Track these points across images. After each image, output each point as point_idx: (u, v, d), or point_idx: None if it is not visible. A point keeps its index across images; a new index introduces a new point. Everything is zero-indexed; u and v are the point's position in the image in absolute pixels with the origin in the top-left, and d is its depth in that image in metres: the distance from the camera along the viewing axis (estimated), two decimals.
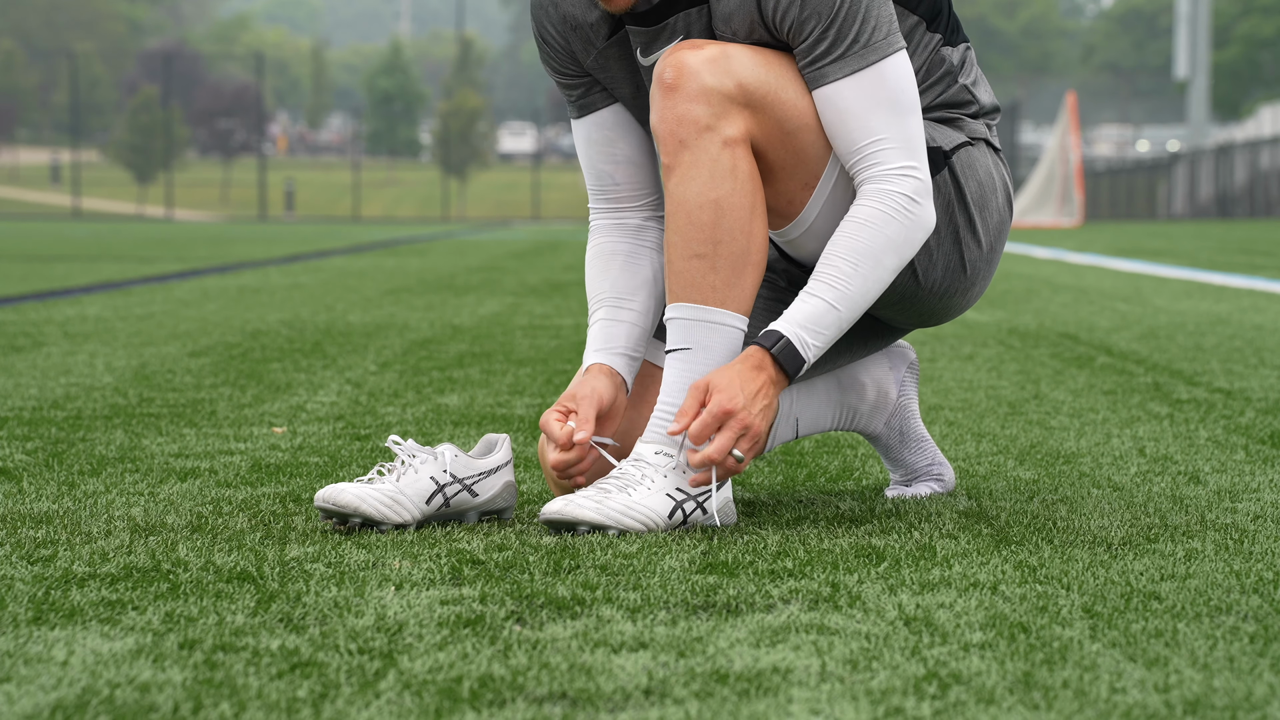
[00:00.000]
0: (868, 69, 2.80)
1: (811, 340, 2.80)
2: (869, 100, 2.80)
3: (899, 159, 2.81)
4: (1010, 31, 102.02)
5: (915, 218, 2.82)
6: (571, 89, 3.05)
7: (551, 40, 3.03)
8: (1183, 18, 55.34)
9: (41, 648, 2.06)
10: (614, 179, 3.07)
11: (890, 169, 2.81)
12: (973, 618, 2.21)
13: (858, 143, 2.81)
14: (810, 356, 2.80)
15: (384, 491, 2.85)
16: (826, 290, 2.80)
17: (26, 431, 4.15)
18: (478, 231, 37.74)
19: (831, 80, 2.81)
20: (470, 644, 2.07)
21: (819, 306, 2.80)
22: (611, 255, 3.08)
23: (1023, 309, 9.05)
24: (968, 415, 4.51)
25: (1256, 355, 6.20)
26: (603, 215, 3.10)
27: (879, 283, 2.82)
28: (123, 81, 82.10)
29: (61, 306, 9.31)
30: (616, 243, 3.08)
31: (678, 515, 2.83)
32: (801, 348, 2.79)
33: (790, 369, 2.79)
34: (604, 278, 3.07)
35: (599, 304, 3.05)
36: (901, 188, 2.81)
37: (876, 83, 2.80)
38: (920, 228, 2.83)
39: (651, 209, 3.10)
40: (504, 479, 2.96)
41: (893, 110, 2.81)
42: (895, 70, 2.81)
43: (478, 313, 8.89)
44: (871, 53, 2.80)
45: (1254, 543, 2.73)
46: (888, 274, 2.82)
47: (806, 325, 2.79)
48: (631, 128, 3.06)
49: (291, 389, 5.14)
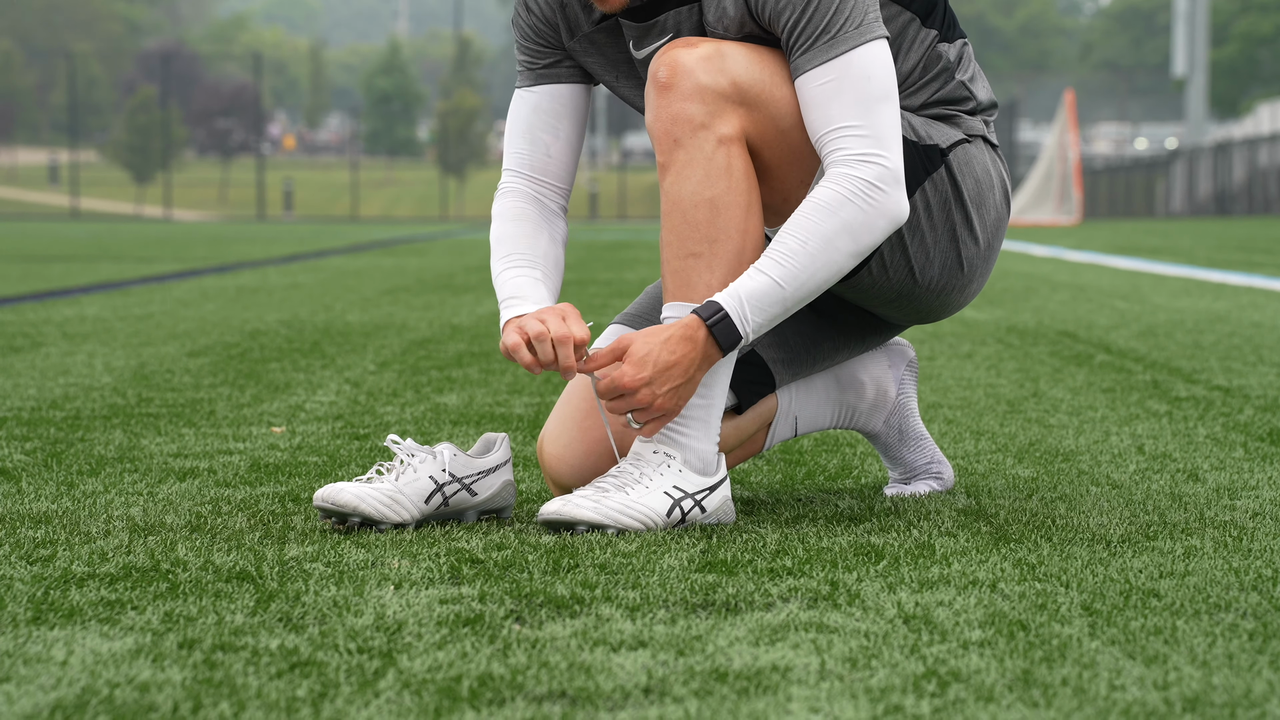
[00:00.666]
0: (836, 59, 2.78)
1: (752, 315, 2.76)
2: (834, 89, 2.78)
3: (861, 146, 2.77)
4: (1008, 29, 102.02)
5: (875, 204, 2.77)
6: (538, 56, 3.02)
7: (537, 10, 3.01)
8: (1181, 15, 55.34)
9: (41, 648, 2.06)
10: (549, 151, 3.04)
11: (851, 154, 2.77)
12: (972, 615, 2.21)
13: (819, 131, 2.79)
14: (749, 331, 2.77)
15: (383, 491, 2.85)
16: (772, 266, 2.76)
17: (25, 432, 4.15)
18: (476, 231, 37.73)
19: (801, 71, 2.80)
20: (469, 643, 2.08)
21: (763, 283, 2.76)
22: (538, 225, 3.01)
23: (1021, 307, 9.05)
24: (967, 413, 4.51)
25: (1255, 353, 6.20)
26: (522, 182, 3.04)
27: (830, 264, 2.77)
28: (120, 82, 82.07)
29: (60, 307, 9.31)
30: (537, 217, 3.02)
31: (676, 513, 2.83)
32: (740, 322, 2.76)
33: (725, 342, 2.76)
34: (536, 242, 2.99)
35: (535, 264, 2.96)
36: (861, 172, 2.77)
37: (842, 72, 2.78)
38: (882, 214, 2.78)
39: (564, 199, 3.07)
40: (503, 478, 2.96)
41: (858, 99, 2.77)
42: (866, 60, 2.78)
43: (476, 312, 8.89)
44: (840, 43, 2.78)
45: (1253, 540, 2.73)
46: (842, 258, 2.77)
47: (749, 299, 2.76)
48: (580, 114, 3.04)
49: (290, 389, 5.14)
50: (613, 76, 3.01)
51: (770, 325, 2.79)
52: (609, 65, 2.99)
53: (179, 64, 79.18)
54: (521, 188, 3.05)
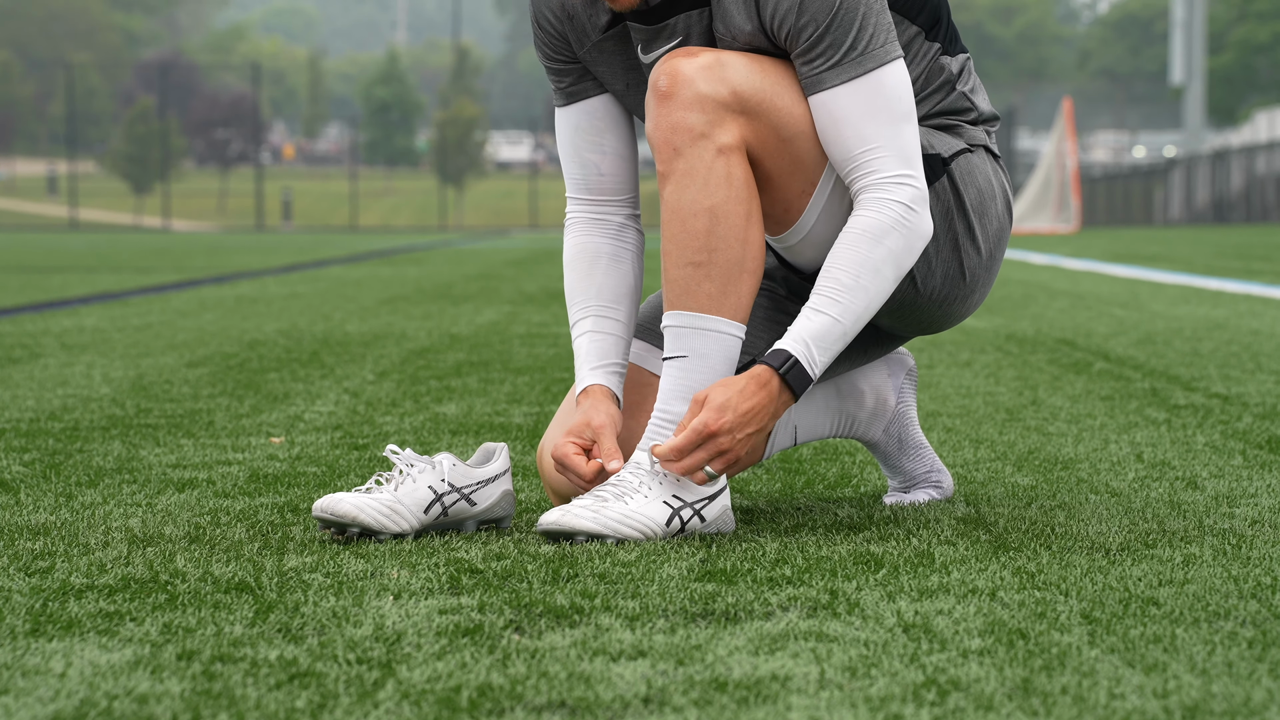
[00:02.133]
0: (864, 76, 2.80)
1: (819, 356, 2.80)
2: (864, 108, 2.80)
3: (895, 167, 2.80)
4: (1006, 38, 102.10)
5: (913, 226, 2.81)
6: (562, 75, 3.04)
7: (548, 26, 3.03)
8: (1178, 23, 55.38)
9: (39, 659, 2.06)
10: (599, 169, 3.07)
11: (886, 177, 2.80)
12: (971, 624, 2.20)
13: (852, 150, 2.81)
14: (817, 373, 2.80)
15: (382, 501, 2.85)
16: (830, 305, 2.79)
17: (24, 443, 4.14)
18: (475, 240, 37.74)
19: (828, 86, 2.81)
20: (469, 653, 2.07)
21: (824, 323, 2.79)
22: (596, 256, 3.06)
23: (1020, 315, 9.05)
24: (966, 421, 4.51)
25: (1254, 360, 6.20)
26: (584, 207, 3.09)
27: (880, 294, 2.81)
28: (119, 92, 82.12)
29: (59, 317, 9.31)
30: (600, 242, 3.07)
31: (675, 523, 2.83)
32: (809, 365, 2.79)
33: (797, 387, 2.79)
34: (589, 281, 3.05)
35: (586, 311, 3.03)
36: (898, 196, 2.80)
37: (873, 90, 2.80)
38: (919, 236, 2.82)
39: (631, 207, 3.10)
40: (502, 487, 2.96)
41: (888, 118, 2.80)
42: (892, 78, 2.81)
43: (475, 321, 8.89)
44: (869, 60, 2.79)
45: (1252, 548, 2.73)
46: (888, 284, 2.81)
47: (813, 342, 2.79)
48: (620, 120, 3.06)
49: (289, 399, 5.14)
50: (623, 85, 3.01)
51: (834, 359, 2.83)
52: (619, 74, 3.00)
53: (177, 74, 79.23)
54: (582, 214, 3.09)
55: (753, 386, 2.78)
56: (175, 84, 76.57)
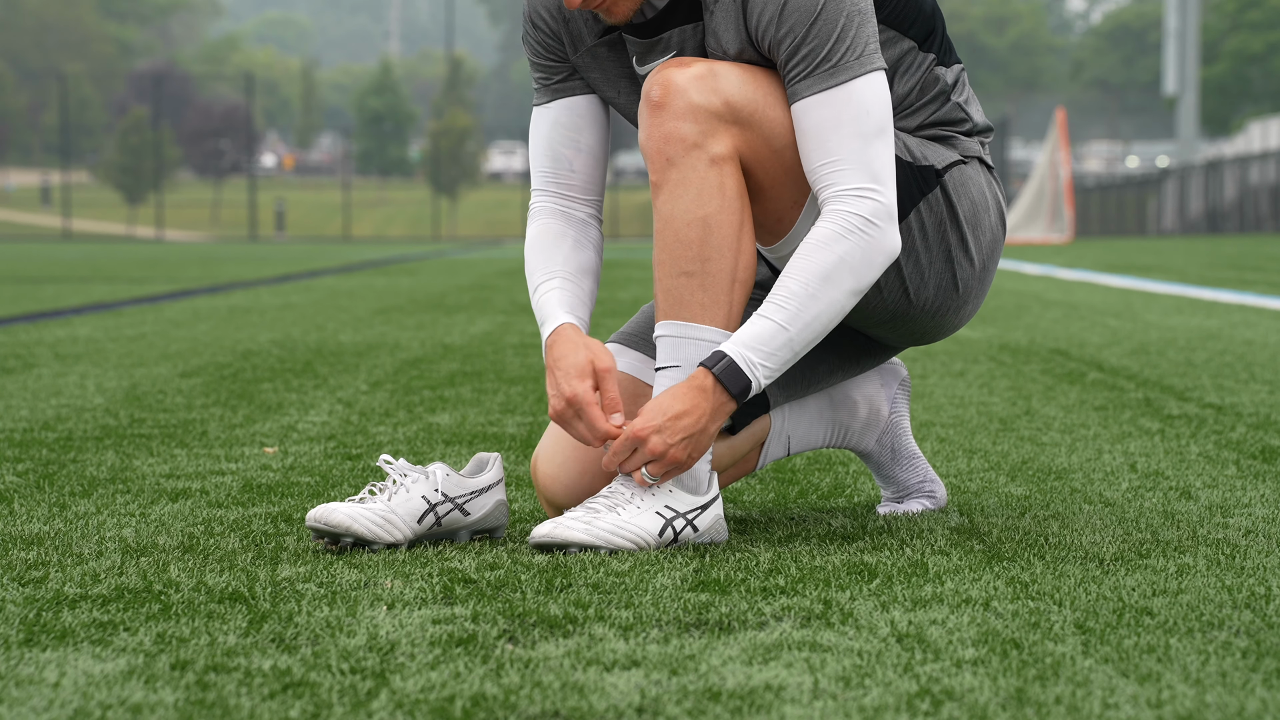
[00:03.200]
0: (835, 88, 2.79)
1: (760, 360, 2.77)
2: (833, 120, 2.78)
3: (855, 180, 2.78)
4: (999, 48, 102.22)
5: (870, 239, 2.78)
6: (551, 72, 3.03)
7: (543, 25, 3.02)
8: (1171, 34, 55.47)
9: (33, 669, 2.05)
10: (571, 166, 3.06)
11: (845, 189, 2.78)
12: (965, 634, 2.20)
13: (816, 163, 2.80)
14: (759, 376, 2.77)
15: (375, 511, 2.85)
16: (774, 310, 2.78)
17: (17, 453, 4.14)
18: (468, 250, 37.75)
19: (800, 97, 2.81)
20: (462, 663, 2.07)
21: (766, 327, 2.77)
22: (560, 237, 3.04)
23: (1013, 325, 9.05)
24: (959, 432, 4.51)
25: (1247, 370, 6.20)
26: (550, 199, 3.07)
27: (833, 303, 2.78)
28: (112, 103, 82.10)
29: (52, 328, 9.30)
30: (564, 227, 3.05)
31: (668, 533, 2.83)
32: (748, 367, 2.77)
33: (734, 389, 2.77)
34: (555, 253, 3.02)
35: (551, 274, 2.99)
36: (855, 208, 2.78)
37: (843, 103, 2.78)
38: (878, 250, 2.79)
39: (595, 209, 3.09)
40: (496, 497, 2.96)
41: (856, 133, 2.78)
42: (865, 91, 2.79)
43: (469, 331, 8.89)
44: (841, 72, 2.79)
45: (1245, 558, 2.73)
46: (843, 294, 2.78)
47: (752, 345, 2.77)
48: (599, 120, 3.05)
49: (283, 409, 5.13)
50: (615, 91, 3.01)
51: (783, 368, 2.80)
52: (611, 80, 3.00)
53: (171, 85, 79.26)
54: (548, 205, 3.07)
55: (685, 389, 2.78)
56: (168, 94, 76.57)
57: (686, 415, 2.77)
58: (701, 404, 2.77)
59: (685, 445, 2.78)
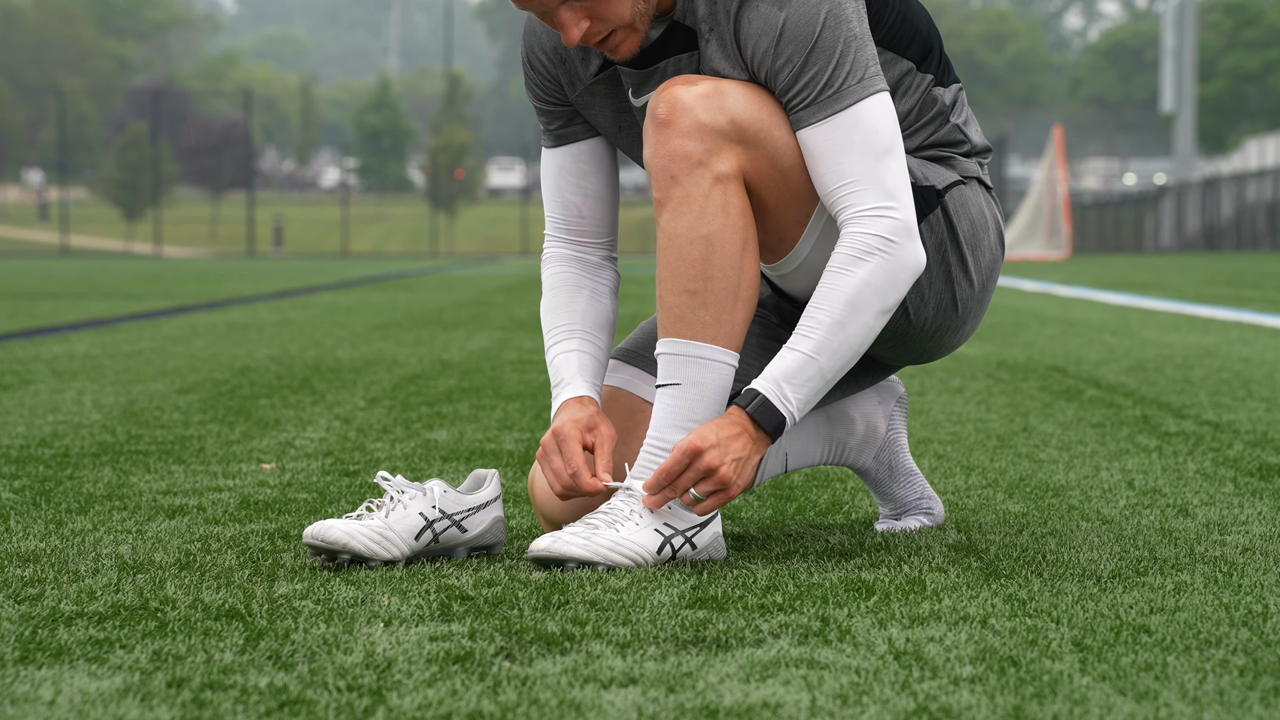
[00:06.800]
0: (840, 113, 2.79)
1: (792, 394, 2.79)
2: (841, 144, 2.79)
3: (872, 200, 2.79)
4: (997, 65, 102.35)
5: (892, 257, 2.79)
6: (553, 117, 3.06)
7: (540, 68, 3.04)
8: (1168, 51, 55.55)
9: (29, 687, 2.05)
10: (580, 212, 3.08)
11: (862, 210, 2.79)
12: (963, 651, 2.20)
13: (830, 186, 2.81)
14: (792, 409, 2.79)
15: (372, 528, 2.84)
16: (802, 341, 2.79)
17: (14, 470, 4.14)
18: (466, 266, 37.76)
19: (805, 125, 2.81)
20: (459, 680, 2.07)
21: (796, 360, 2.79)
22: (577, 288, 3.08)
23: (1011, 342, 9.06)
24: (957, 448, 4.51)
25: (1244, 387, 6.20)
26: (561, 245, 3.11)
27: (861, 326, 2.79)
28: (111, 119, 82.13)
29: (49, 344, 9.30)
30: (580, 277, 3.09)
31: (666, 550, 2.82)
32: (780, 403, 2.78)
33: (769, 425, 2.79)
34: (573, 306, 3.07)
35: (571, 332, 3.04)
36: (873, 228, 2.79)
37: (850, 126, 2.79)
38: (902, 267, 2.80)
39: (609, 249, 3.12)
40: (493, 514, 2.96)
41: (866, 152, 2.79)
42: (870, 113, 2.79)
43: (467, 348, 8.89)
44: (844, 97, 2.79)
45: (1243, 575, 2.73)
46: (870, 317, 2.79)
47: (783, 379, 2.79)
48: (606, 163, 3.08)
49: (280, 425, 5.13)
50: (615, 128, 3.02)
51: (817, 398, 2.81)
52: (610, 117, 3.01)
53: (169, 101, 79.27)
54: (561, 251, 3.11)
55: (727, 423, 2.80)
56: (167, 110, 76.58)
57: (737, 440, 2.78)
58: (744, 438, 2.79)
59: (735, 466, 2.78)
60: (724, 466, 2.77)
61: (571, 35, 2.81)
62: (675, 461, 2.78)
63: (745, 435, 2.79)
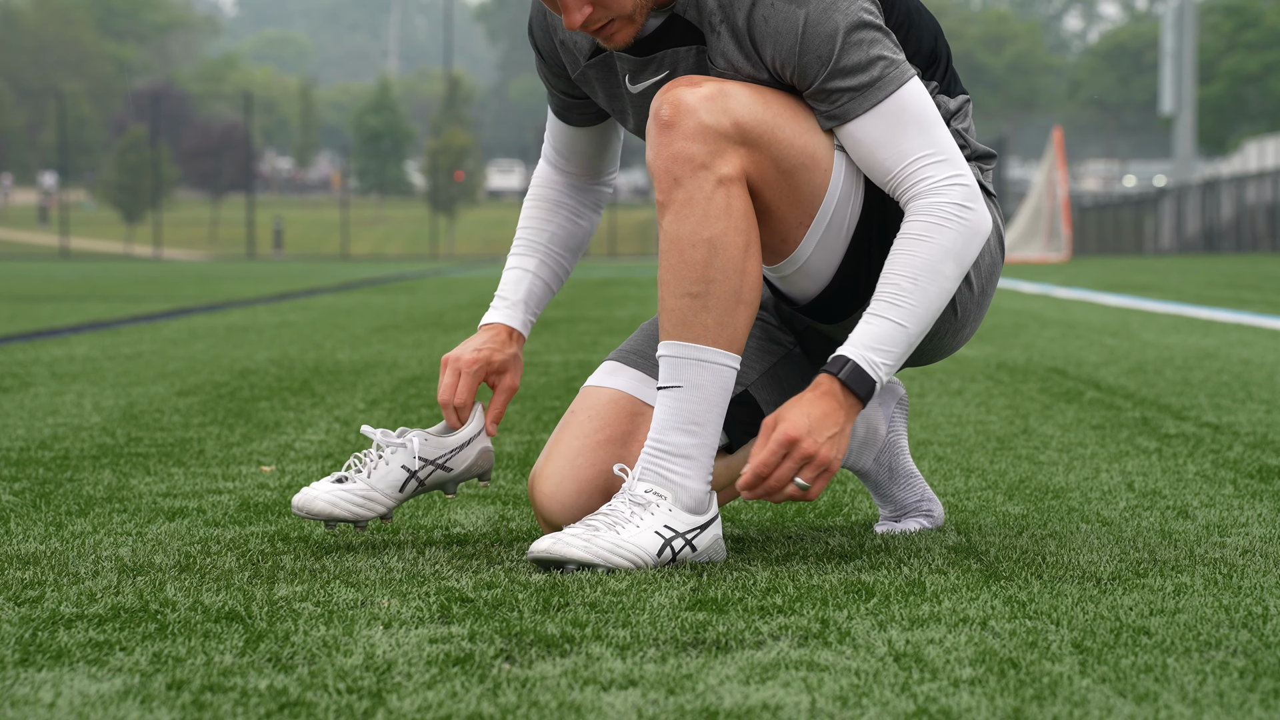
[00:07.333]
0: (886, 100, 2.81)
1: (880, 360, 2.78)
2: (896, 127, 2.81)
3: (943, 171, 2.82)
4: (997, 67, 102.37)
5: (968, 223, 2.82)
6: (555, 88, 3.14)
7: (541, 47, 3.13)
8: (1168, 53, 55.55)
9: (28, 689, 2.05)
10: (571, 159, 3.22)
11: (936, 181, 2.81)
12: (962, 653, 2.20)
13: (895, 168, 2.82)
14: (881, 376, 2.79)
15: (355, 492, 3.00)
16: (888, 309, 2.79)
17: (14, 472, 4.14)
18: (467, 269, 37.76)
19: (854, 117, 2.82)
20: (459, 682, 2.07)
21: (884, 326, 2.78)
22: (558, 205, 3.21)
23: (1011, 344, 9.06)
24: (956, 450, 4.51)
25: (1244, 389, 6.20)
26: (553, 168, 3.23)
27: (942, 293, 2.81)
28: (111, 121, 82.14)
29: (49, 346, 9.30)
30: (563, 196, 3.22)
31: (667, 553, 2.82)
32: (870, 369, 2.78)
33: (861, 391, 2.78)
34: (547, 224, 3.20)
35: (534, 249, 3.18)
36: (949, 196, 2.81)
37: (898, 110, 2.82)
38: (976, 232, 2.82)
39: (603, 183, 3.25)
40: (478, 447, 3.09)
41: (921, 129, 2.82)
42: (914, 94, 2.83)
43: None
44: (886, 84, 2.81)
45: (1243, 577, 2.73)
46: (950, 283, 2.81)
47: (873, 346, 2.78)
48: (608, 134, 3.19)
49: (280, 428, 5.13)
50: (615, 108, 3.05)
51: (900, 363, 2.81)
52: (610, 98, 3.04)
53: (169, 103, 79.30)
54: (551, 172, 3.24)
55: (816, 395, 2.77)
56: (167, 113, 76.60)
57: (827, 416, 2.76)
58: (835, 407, 2.77)
59: (831, 444, 2.76)
60: (822, 448, 2.76)
61: (574, 19, 2.83)
62: (771, 453, 2.75)
63: (835, 407, 2.77)
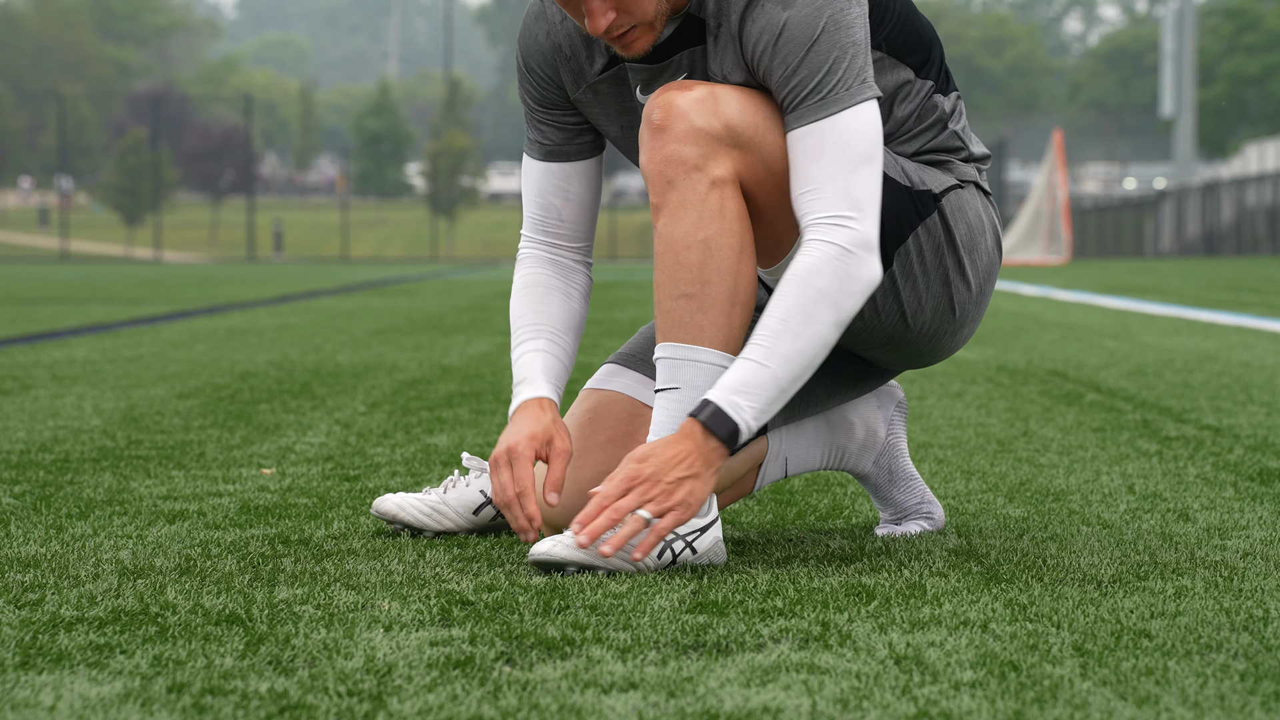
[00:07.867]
0: (821, 120, 2.77)
1: (746, 403, 2.74)
2: (815, 150, 2.77)
3: (832, 208, 2.75)
4: (997, 70, 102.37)
5: (847, 268, 2.75)
6: (544, 129, 3.07)
7: (536, 71, 3.04)
8: (1168, 56, 55.57)
9: (29, 692, 2.05)
10: (560, 215, 3.11)
11: (821, 218, 2.76)
12: (963, 656, 2.20)
13: (795, 192, 2.79)
14: (748, 419, 2.74)
15: (426, 502, 3.19)
16: (754, 350, 2.76)
17: (14, 475, 4.14)
18: (467, 271, 37.76)
19: (790, 128, 2.81)
20: (460, 685, 2.07)
21: (747, 368, 2.75)
22: (549, 289, 3.10)
23: (1011, 346, 9.06)
24: (957, 453, 4.51)
25: (1245, 392, 6.20)
26: (537, 247, 3.13)
27: (815, 337, 2.75)
28: (111, 124, 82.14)
29: (49, 349, 9.30)
30: (551, 278, 3.11)
31: (666, 555, 2.82)
32: (734, 411, 2.74)
33: (722, 434, 2.74)
34: (543, 307, 3.09)
35: (539, 332, 3.06)
36: (831, 237, 2.75)
37: (825, 133, 2.77)
38: (856, 279, 2.75)
39: (584, 254, 3.14)
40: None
41: (838, 161, 2.76)
42: (850, 123, 2.77)
43: (467, 352, 8.89)
44: (829, 104, 2.78)
45: (1243, 580, 2.73)
46: (825, 328, 2.75)
47: (737, 389, 2.74)
48: (591, 174, 3.10)
49: (280, 430, 5.13)
50: (618, 128, 3.02)
51: (774, 406, 2.76)
52: (613, 117, 3.01)
53: (169, 106, 79.30)
54: (536, 253, 3.13)
55: (677, 436, 2.77)
56: (167, 116, 76.61)
57: (678, 459, 2.75)
58: (692, 450, 2.75)
59: (682, 486, 2.74)
60: (667, 488, 2.74)
61: (598, 24, 2.80)
62: (615, 486, 2.75)
63: (693, 448, 2.74)
